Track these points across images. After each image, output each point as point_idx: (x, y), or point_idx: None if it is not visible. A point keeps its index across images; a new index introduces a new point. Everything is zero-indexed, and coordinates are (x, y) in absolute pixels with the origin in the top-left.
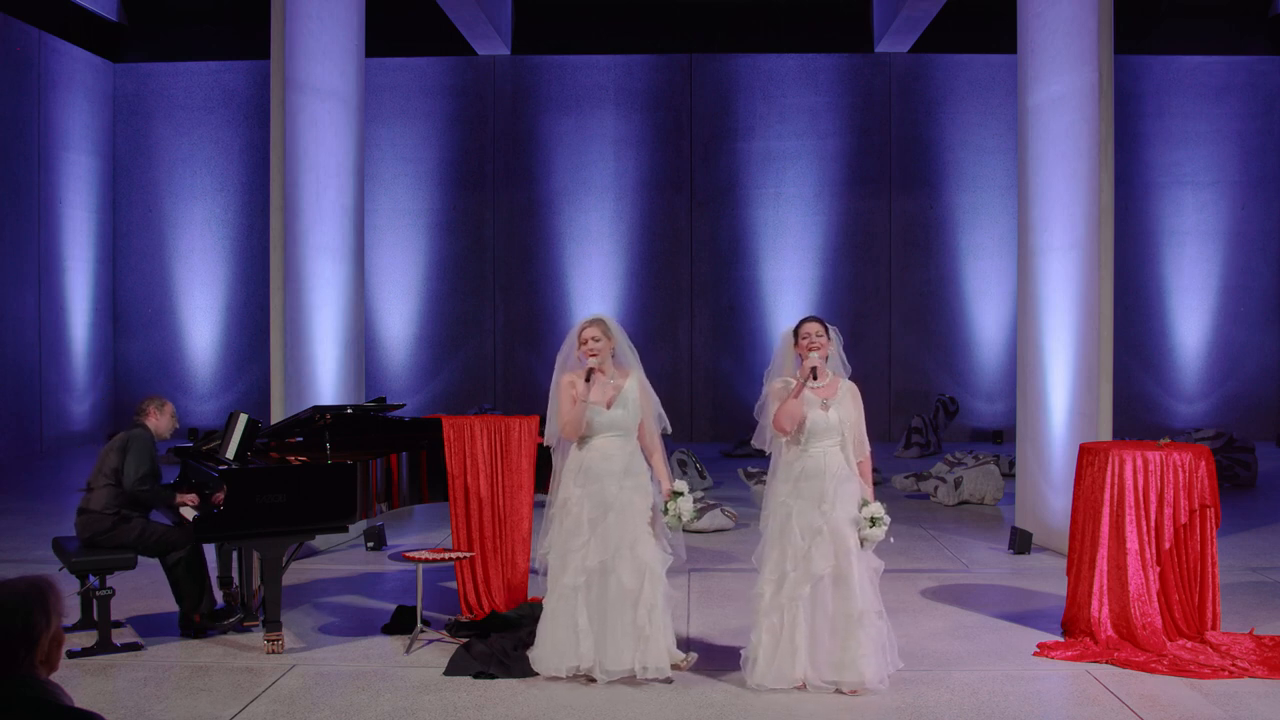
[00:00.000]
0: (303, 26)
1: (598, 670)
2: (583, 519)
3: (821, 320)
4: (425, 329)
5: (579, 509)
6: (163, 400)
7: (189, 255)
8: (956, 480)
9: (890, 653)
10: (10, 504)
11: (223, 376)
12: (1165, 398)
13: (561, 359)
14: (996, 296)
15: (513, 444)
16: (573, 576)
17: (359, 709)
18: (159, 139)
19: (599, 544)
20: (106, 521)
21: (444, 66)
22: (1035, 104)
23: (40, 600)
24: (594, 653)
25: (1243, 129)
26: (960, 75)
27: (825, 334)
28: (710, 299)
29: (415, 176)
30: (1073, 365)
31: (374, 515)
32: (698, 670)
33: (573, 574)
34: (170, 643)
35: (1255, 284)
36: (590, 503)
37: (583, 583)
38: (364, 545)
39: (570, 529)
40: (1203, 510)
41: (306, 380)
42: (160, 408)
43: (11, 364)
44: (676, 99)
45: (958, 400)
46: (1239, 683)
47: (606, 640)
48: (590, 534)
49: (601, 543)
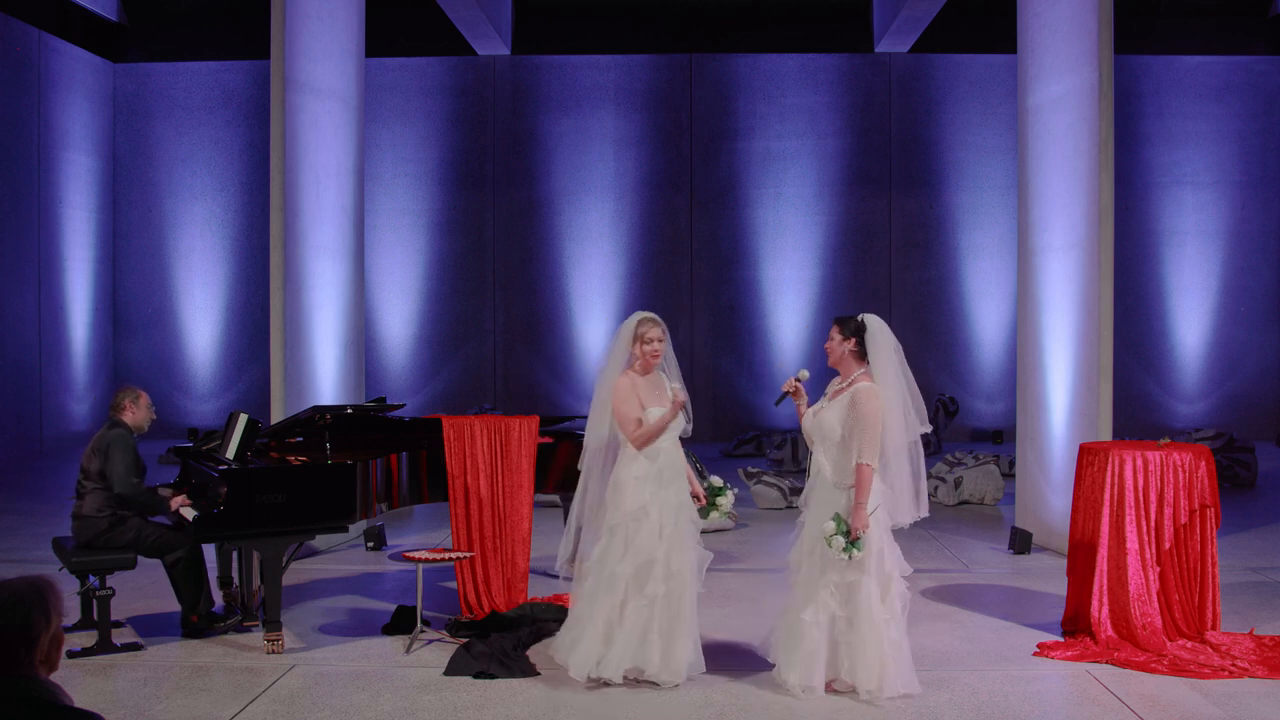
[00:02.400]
0: (303, 26)
1: (665, 673)
2: (664, 525)
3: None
4: (425, 329)
5: (658, 515)
6: (137, 392)
7: (189, 255)
8: (956, 480)
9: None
10: (10, 504)
11: (223, 376)
12: (1165, 398)
13: (616, 358)
14: (996, 296)
15: (513, 444)
16: (655, 585)
17: (359, 709)
18: (159, 139)
19: (677, 550)
20: (102, 524)
21: (444, 66)
22: (1035, 104)
23: (40, 600)
24: (660, 658)
25: (1243, 129)
26: (960, 75)
27: (839, 334)
28: (710, 299)
29: (415, 176)
30: (1073, 365)
31: (374, 515)
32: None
33: (656, 582)
34: (170, 643)
35: (1255, 284)
36: (666, 508)
37: (663, 591)
38: (364, 545)
39: (651, 536)
40: (1203, 510)
41: (306, 380)
42: (135, 401)
43: (11, 364)
44: (676, 99)
45: (958, 400)
46: (1239, 683)
47: (674, 645)
48: (668, 540)
49: (677, 548)
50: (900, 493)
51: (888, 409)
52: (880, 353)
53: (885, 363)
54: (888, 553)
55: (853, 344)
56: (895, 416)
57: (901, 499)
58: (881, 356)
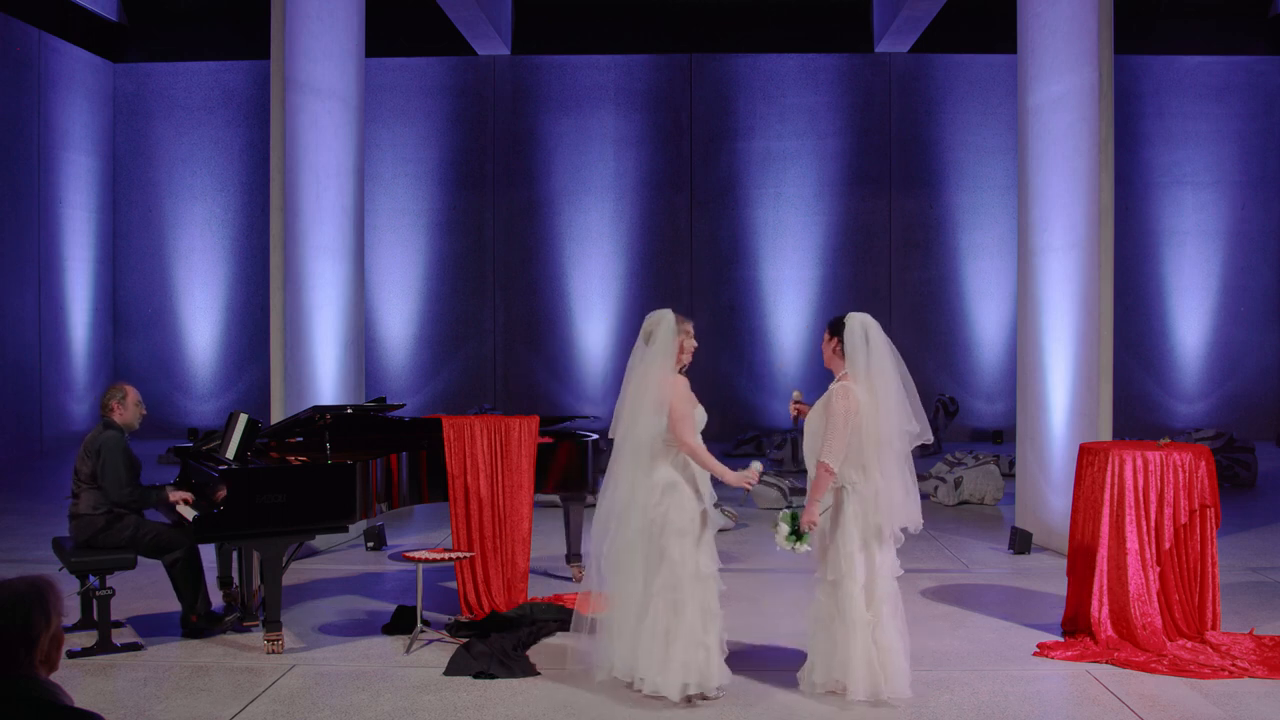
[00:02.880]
0: (303, 26)
1: (716, 682)
2: (714, 527)
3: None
4: (425, 329)
5: (712, 516)
6: (123, 390)
7: (189, 255)
8: (956, 480)
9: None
10: (10, 504)
11: (223, 376)
12: (1165, 398)
13: (665, 352)
14: (996, 296)
15: (513, 444)
16: (714, 595)
17: (359, 709)
18: (159, 139)
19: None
20: (99, 522)
21: (444, 66)
22: (1035, 104)
23: (40, 600)
24: (718, 669)
25: (1243, 129)
26: (960, 75)
27: (826, 334)
28: (710, 299)
29: (415, 176)
30: (1073, 365)
31: (374, 515)
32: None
33: (715, 592)
34: (170, 643)
35: (1255, 284)
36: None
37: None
38: (364, 545)
39: (711, 540)
40: (1203, 510)
41: (306, 380)
42: (123, 401)
43: (11, 364)
44: (676, 99)
45: (958, 400)
46: (1239, 683)
47: (715, 652)
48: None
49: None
50: (889, 494)
51: (867, 405)
52: (856, 350)
53: (858, 358)
54: (878, 555)
55: (836, 343)
56: (870, 411)
57: (893, 501)
58: (858, 354)
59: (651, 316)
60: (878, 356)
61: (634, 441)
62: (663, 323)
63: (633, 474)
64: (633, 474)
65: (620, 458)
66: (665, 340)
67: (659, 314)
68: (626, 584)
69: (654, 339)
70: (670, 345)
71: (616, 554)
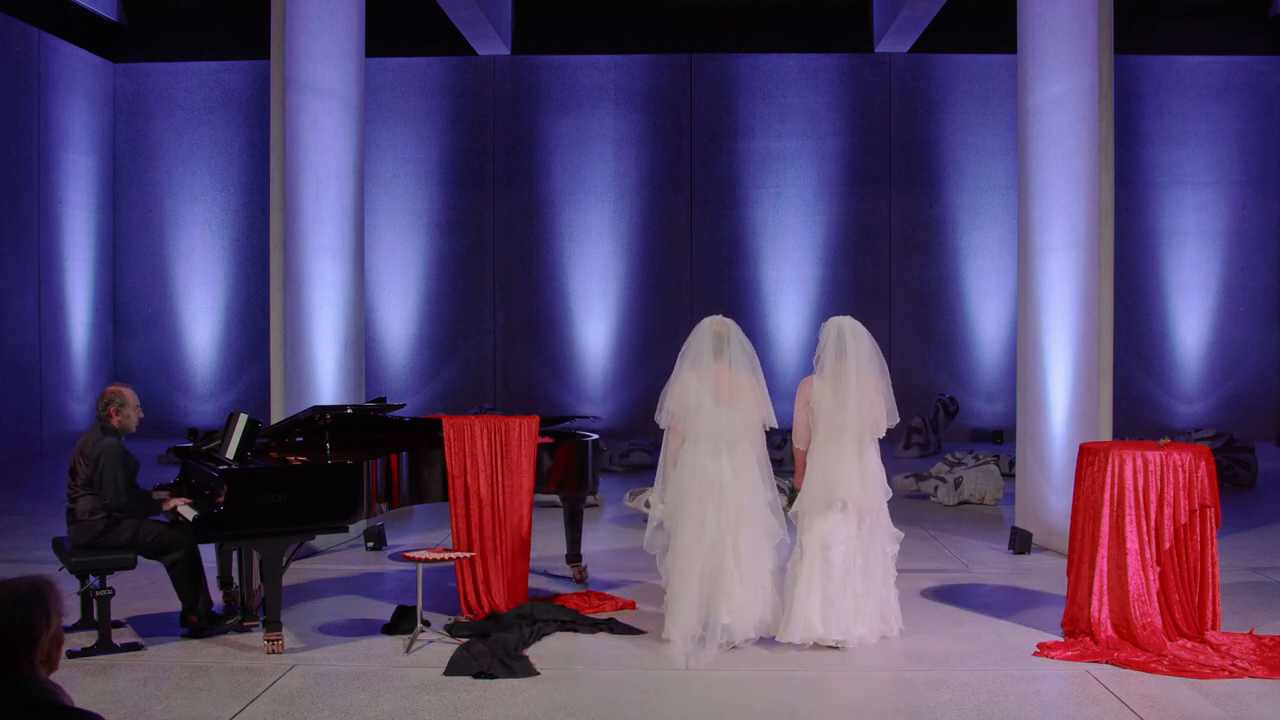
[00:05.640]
0: (303, 26)
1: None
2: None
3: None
4: (425, 329)
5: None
6: (121, 397)
7: (189, 255)
8: (956, 480)
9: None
10: (10, 504)
11: (223, 376)
12: (1165, 398)
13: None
14: (996, 296)
15: (513, 444)
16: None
17: (359, 709)
18: (159, 139)
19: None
20: (98, 525)
21: (444, 66)
22: (1035, 104)
23: (40, 600)
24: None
25: (1243, 129)
26: (960, 75)
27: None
28: (710, 299)
29: (415, 176)
30: (1073, 365)
31: (374, 515)
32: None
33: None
34: (170, 643)
35: (1255, 284)
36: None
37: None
38: (364, 545)
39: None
40: (1203, 510)
41: (306, 380)
42: (121, 407)
43: (11, 364)
44: (676, 99)
45: (958, 400)
46: (1239, 683)
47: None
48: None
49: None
50: (838, 472)
51: (827, 397)
52: (824, 349)
53: (824, 356)
54: (830, 521)
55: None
56: (829, 402)
57: (840, 478)
58: (825, 353)
59: (721, 321)
60: (848, 357)
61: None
62: (732, 329)
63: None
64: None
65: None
66: (740, 343)
67: (727, 321)
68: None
69: (730, 343)
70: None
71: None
